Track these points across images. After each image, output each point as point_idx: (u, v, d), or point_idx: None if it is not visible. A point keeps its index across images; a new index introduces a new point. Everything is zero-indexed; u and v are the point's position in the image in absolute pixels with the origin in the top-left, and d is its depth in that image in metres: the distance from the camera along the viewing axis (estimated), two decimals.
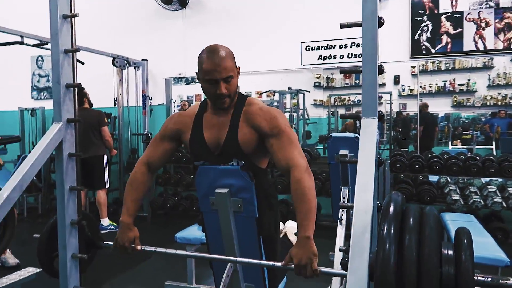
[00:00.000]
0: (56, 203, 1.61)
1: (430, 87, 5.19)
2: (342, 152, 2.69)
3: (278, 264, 1.47)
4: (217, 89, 1.51)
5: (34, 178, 5.09)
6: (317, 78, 7.02)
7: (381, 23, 1.16)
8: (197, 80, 1.64)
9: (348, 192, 2.76)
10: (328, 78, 7.29)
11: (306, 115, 6.30)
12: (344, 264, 0.89)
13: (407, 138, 5.62)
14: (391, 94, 5.91)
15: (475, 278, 0.78)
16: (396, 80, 6.44)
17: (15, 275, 2.18)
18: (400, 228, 0.78)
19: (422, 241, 0.75)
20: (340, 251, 1.00)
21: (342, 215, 2.72)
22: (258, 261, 1.52)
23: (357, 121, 6.29)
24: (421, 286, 0.72)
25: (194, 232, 2.93)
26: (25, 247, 4.04)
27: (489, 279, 0.77)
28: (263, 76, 5.53)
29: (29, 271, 2.22)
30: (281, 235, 2.20)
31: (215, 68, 1.49)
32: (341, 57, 4.74)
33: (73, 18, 1.60)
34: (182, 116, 1.69)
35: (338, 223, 2.64)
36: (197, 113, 1.66)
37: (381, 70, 1.17)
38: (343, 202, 2.77)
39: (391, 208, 0.80)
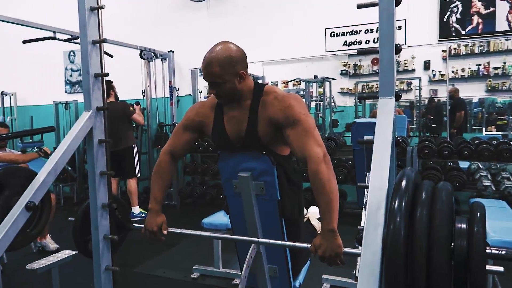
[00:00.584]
0: (88, 187, 1.70)
1: (463, 71, 5.02)
2: (366, 137, 2.67)
3: (299, 244, 1.50)
4: (209, 88, 1.56)
5: (69, 168, 5.35)
6: (344, 65, 6.93)
7: (398, 1, 1.15)
8: None
9: None
10: (355, 65, 7.17)
11: (333, 104, 6.24)
12: (359, 239, 0.91)
13: (440, 125, 5.47)
14: (420, 80, 5.76)
15: (490, 251, 0.78)
16: (427, 65, 6.26)
17: (53, 257, 2.30)
18: (412, 201, 0.79)
19: (433, 214, 0.76)
20: (359, 230, 1.02)
21: (367, 201, 2.72)
22: (279, 242, 1.55)
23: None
24: (431, 258, 0.74)
25: (220, 218, 3.00)
26: (63, 233, 4.25)
27: (503, 252, 0.77)
28: (287, 65, 5.52)
29: (66, 253, 2.34)
30: (305, 220, 2.22)
31: (203, 70, 1.53)
32: (367, 42, 4.66)
33: (99, 10, 1.66)
34: (203, 107, 1.72)
35: (363, 209, 2.64)
36: (217, 105, 1.67)
37: (398, 50, 1.16)
38: (368, 188, 2.76)
39: (403, 182, 0.81)
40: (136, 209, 4.76)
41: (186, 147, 1.77)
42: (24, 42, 3.79)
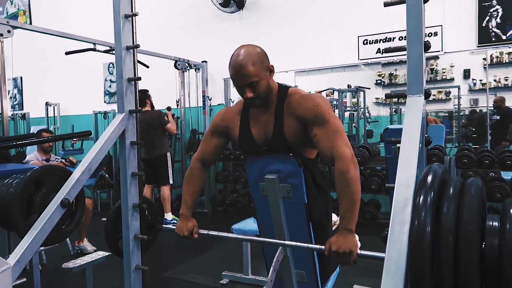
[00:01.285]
0: (120, 187, 1.76)
1: (506, 80, 4.79)
2: (400, 145, 2.61)
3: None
4: (243, 93, 1.53)
5: (107, 175, 5.53)
6: (379, 75, 6.80)
7: None
8: None
9: None
10: (390, 74, 7.01)
11: (367, 114, 6.12)
12: (384, 238, 0.88)
13: (483, 136, 5.24)
14: (459, 89, 5.57)
15: None
16: (466, 74, 6.03)
17: (87, 257, 2.39)
18: (439, 197, 0.76)
19: (461, 209, 0.72)
20: (385, 229, 0.99)
21: (393, 199, 2.63)
22: (305, 245, 1.53)
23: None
24: (459, 255, 0.70)
25: (250, 224, 3.00)
26: (99, 237, 4.40)
27: None
28: (320, 74, 5.49)
29: (99, 254, 2.43)
30: (335, 227, 2.18)
31: (236, 74, 1.50)
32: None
33: (133, 17, 1.74)
34: (228, 112, 1.74)
35: None
36: (242, 110, 1.69)
37: (427, 47, 1.14)
38: None
39: (429, 177, 0.78)
40: (169, 216, 4.85)
41: (215, 153, 1.79)
42: (67, 53, 4.00)
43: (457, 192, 0.75)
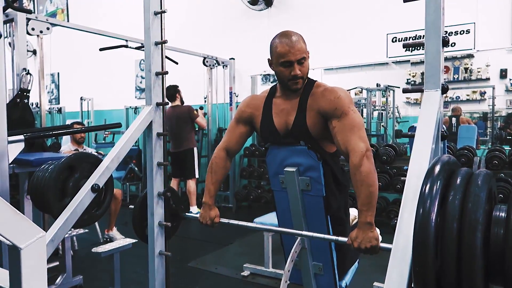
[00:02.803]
0: (147, 176, 1.84)
1: None
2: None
3: (342, 238, 1.50)
4: (291, 70, 1.57)
5: (136, 169, 5.71)
6: (410, 75, 6.64)
7: None
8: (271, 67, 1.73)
9: None
10: (422, 74, 6.82)
11: (397, 113, 6.00)
12: (394, 226, 0.91)
13: None
14: (493, 89, 5.41)
15: None
16: (503, 73, 5.83)
17: (115, 243, 2.51)
18: (446, 186, 0.78)
19: (466, 199, 0.74)
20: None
21: (404, 190, 2.60)
22: (322, 235, 1.56)
23: (453, 118, 5.82)
24: (462, 242, 0.72)
25: (271, 218, 3.04)
26: (128, 227, 4.57)
27: None
28: (348, 72, 5.47)
29: (127, 241, 2.54)
30: (354, 222, 2.19)
31: (289, 50, 1.55)
32: None
33: (162, 14, 1.82)
34: (254, 99, 1.78)
35: None
36: (266, 98, 1.73)
37: (445, 42, 1.14)
38: None
39: (436, 167, 0.80)
40: (195, 209, 4.96)
41: (240, 142, 1.82)
42: (101, 49, 4.17)
43: (464, 182, 0.77)
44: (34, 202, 1.64)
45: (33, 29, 3.35)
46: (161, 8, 1.81)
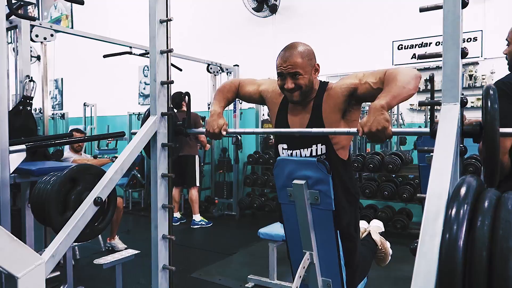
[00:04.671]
0: (151, 187, 1.79)
1: None
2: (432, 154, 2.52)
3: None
4: (284, 83, 1.58)
5: (139, 175, 5.68)
6: None
7: (464, 3, 1.09)
8: None
9: None
10: (426, 80, 6.76)
11: (401, 120, 5.96)
12: (413, 250, 0.86)
13: None
14: None
15: None
16: None
17: (118, 254, 2.46)
18: (473, 210, 0.73)
19: (496, 225, 0.69)
20: (414, 241, 0.95)
21: (424, 210, 2.54)
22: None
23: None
24: (493, 272, 0.67)
25: (277, 229, 2.99)
26: (130, 235, 4.53)
27: None
28: None
29: (129, 252, 2.49)
30: (365, 234, 2.15)
31: (282, 63, 1.57)
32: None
33: (168, 22, 1.78)
34: (278, 88, 1.74)
35: None
36: (283, 98, 1.72)
37: (464, 54, 1.10)
38: None
39: (463, 188, 0.75)
40: (197, 217, 4.91)
41: (246, 95, 1.85)
42: (105, 56, 4.15)
43: (492, 206, 0.72)
44: (35, 215, 1.60)
45: (37, 35, 3.33)
46: (167, 16, 1.78)
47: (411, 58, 4.60)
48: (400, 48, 4.65)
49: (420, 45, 4.51)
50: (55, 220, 1.50)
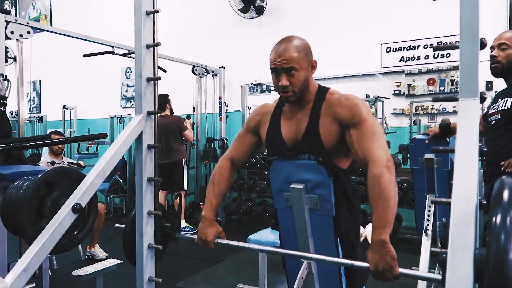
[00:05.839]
0: (135, 192, 1.65)
1: None
2: (427, 156, 2.45)
3: (358, 263, 1.34)
4: (279, 80, 1.45)
5: (120, 180, 5.48)
6: (398, 86, 6.62)
7: None
8: (272, 88, 1.65)
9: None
10: (409, 85, 6.80)
11: (385, 124, 5.96)
12: (442, 261, 0.75)
13: None
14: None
15: None
16: (489, 85, 5.82)
17: (98, 265, 2.30)
18: None
19: None
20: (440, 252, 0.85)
21: (428, 225, 2.47)
22: (335, 259, 1.40)
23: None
24: None
25: (266, 235, 2.87)
26: (111, 243, 4.33)
27: None
28: (339, 83, 5.36)
29: (111, 262, 2.33)
30: (362, 239, 2.05)
31: (276, 57, 1.44)
32: (426, 57, 4.41)
33: (155, 14, 1.65)
34: (264, 107, 1.66)
35: (423, 234, 2.40)
36: (276, 106, 1.60)
37: (483, 44, 1.01)
38: (429, 211, 2.52)
39: (505, 193, 0.65)
40: (182, 223, 4.75)
41: (248, 152, 1.69)
42: (85, 55, 3.97)
43: None
44: (5, 224, 1.44)
45: (12, 32, 3.15)
46: (153, 8, 1.65)
47: (399, 61, 4.57)
48: (388, 50, 4.62)
49: (408, 48, 4.49)
50: (28, 229, 1.34)
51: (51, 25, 7.74)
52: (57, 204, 1.40)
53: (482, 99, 1.02)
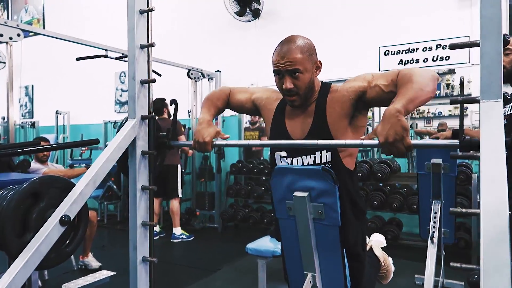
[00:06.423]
0: (129, 202, 1.56)
1: None
2: (434, 161, 2.38)
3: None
4: (283, 83, 1.39)
5: (114, 187, 5.36)
6: None
7: None
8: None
9: (440, 207, 2.43)
10: None
11: None
12: (474, 283, 0.66)
13: None
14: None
15: None
16: None
17: (90, 277, 2.20)
18: None
19: None
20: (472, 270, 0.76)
21: (434, 232, 2.40)
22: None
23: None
24: None
25: (266, 243, 2.77)
26: (105, 251, 4.20)
27: None
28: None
29: (104, 273, 2.23)
30: (367, 249, 1.96)
31: (279, 59, 1.37)
32: (425, 60, 4.35)
33: (149, 13, 1.56)
34: (274, 93, 1.60)
35: (429, 242, 2.32)
36: (281, 100, 1.54)
37: (506, 41, 0.93)
38: (435, 218, 2.44)
39: None
40: (178, 230, 4.64)
41: (237, 104, 1.66)
42: (77, 59, 3.87)
43: None
44: None
45: (1, 35, 3.04)
46: (147, 6, 1.56)
47: (398, 64, 4.51)
48: (386, 53, 4.56)
49: (407, 51, 4.43)
50: (11, 244, 1.24)
51: (44, 28, 7.62)
52: (44, 216, 1.31)
53: (506, 101, 0.94)
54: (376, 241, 2.03)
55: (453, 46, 1.00)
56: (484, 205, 0.76)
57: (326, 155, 1.41)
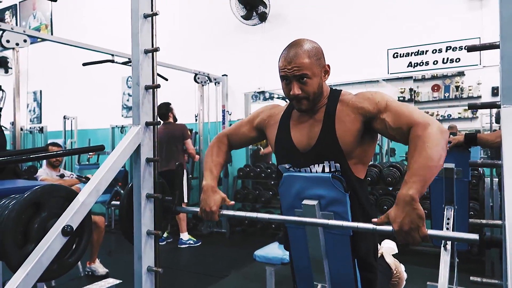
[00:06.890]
0: (133, 210, 1.52)
1: None
2: (447, 165, 2.32)
3: None
4: (290, 89, 1.34)
5: (122, 191, 5.35)
6: (402, 92, 6.49)
7: None
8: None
9: (453, 213, 2.36)
10: (414, 91, 6.65)
11: None
12: None
13: None
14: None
15: None
16: (495, 91, 5.70)
17: (95, 285, 2.16)
18: None
19: None
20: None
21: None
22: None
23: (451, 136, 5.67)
24: None
25: (274, 250, 2.72)
26: (112, 257, 4.18)
27: None
28: (347, 89, 5.24)
29: (109, 282, 2.19)
30: (378, 257, 1.90)
31: (286, 64, 1.33)
32: (435, 63, 4.28)
33: (154, 17, 1.53)
34: (274, 107, 1.57)
35: (442, 248, 2.25)
36: (285, 111, 1.50)
37: None
38: (448, 224, 2.38)
39: None
40: (185, 236, 4.60)
41: (242, 141, 1.63)
42: (84, 64, 3.87)
43: None
44: None
45: (8, 41, 3.05)
46: (152, 10, 1.53)
47: (407, 67, 4.44)
48: (395, 56, 4.49)
49: (416, 53, 4.36)
50: (12, 255, 1.21)
51: (52, 34, 7.68)
52: (46, 226, 1.27)
53: None
54: (387, 248, 1.96)
55: (471, 48, 0.95)
56: (509, 218, 0.71)
57: (336, 166, 1.35)
